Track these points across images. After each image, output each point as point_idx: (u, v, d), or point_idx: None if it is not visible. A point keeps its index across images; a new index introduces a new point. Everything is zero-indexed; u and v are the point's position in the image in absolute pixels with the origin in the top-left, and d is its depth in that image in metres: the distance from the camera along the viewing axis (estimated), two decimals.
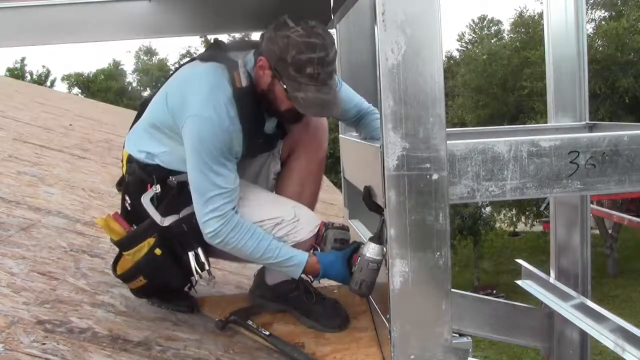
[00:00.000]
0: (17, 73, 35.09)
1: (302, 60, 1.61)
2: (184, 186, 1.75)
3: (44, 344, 1.46)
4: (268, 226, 1.78)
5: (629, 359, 1.71)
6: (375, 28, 1.38)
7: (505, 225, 25.26)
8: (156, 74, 34.56)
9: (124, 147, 1.92)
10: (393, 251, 1.43)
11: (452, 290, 1.50)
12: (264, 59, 1.69)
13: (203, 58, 1.80)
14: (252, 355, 1.72)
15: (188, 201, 1.76)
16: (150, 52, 37.60)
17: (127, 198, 1.87)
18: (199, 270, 1.81)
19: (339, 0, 2.06)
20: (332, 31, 2.39)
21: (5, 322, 1.52)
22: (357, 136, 2.16)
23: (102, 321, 1.69)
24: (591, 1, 21.26)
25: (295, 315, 1.94)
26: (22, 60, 37.28)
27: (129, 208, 1.87)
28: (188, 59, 1.93)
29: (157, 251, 1.77)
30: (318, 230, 1.86)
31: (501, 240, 25.23)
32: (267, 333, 1.79)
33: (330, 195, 5.09)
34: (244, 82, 1.72)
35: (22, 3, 2.13)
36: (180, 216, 1.79)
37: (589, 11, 21.33)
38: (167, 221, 1.78)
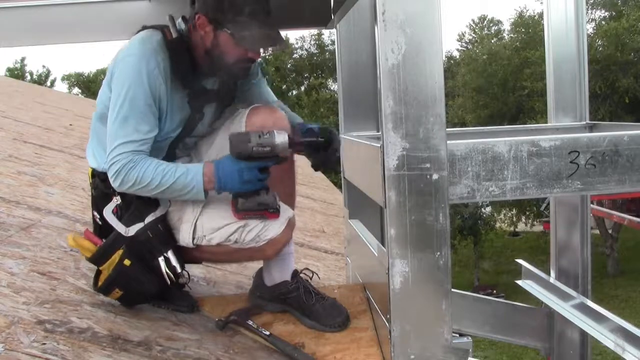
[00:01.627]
0: (17, 73, 35.09)
1: (239, 1, 1.70)
2: None
3: (44, 344, 1.46)
4: (234, 229, 1.78)
5: (629, 359, 1.71)
6: (375, 28, 1.38)
7: (505, 225, 25.26)
8: None
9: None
10: (393, 251, 1.43)
11: (452, 290, 1.50)
12: (201, 16, 1.74)
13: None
14: (252, 355, 1.72)
15: (152, 206, 1.78)
16: None
17: (95, 213, 1.87)
18: (171, 275, 1.80)
19: (339, 0, 2.06)
20: (332, 31, 2.39)
21: (5, 322, 1.52)
22: (357, 136, 2.15)
23: (102, 321, 1.69)
24: (591, 1, 21.26)
25: (296, 316, 1.94)
26: (22, 60, 37.29)
27: (100, 223, 1.86)
28: None
29: (126, 262, 1.76)
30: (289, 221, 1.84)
31: (501, 240, 25.23)
32: (267, 333, 1.79)
33: (330, 195, 5.10)
34: (174, 34, 1.78)
35: (22, 3, 2.14)
36: (145, 223, 1.78)
37: (589, 11, 21.33)
38: (131, 231, 1.77)
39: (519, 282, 2.43)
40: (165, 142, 1.85)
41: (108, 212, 1.79)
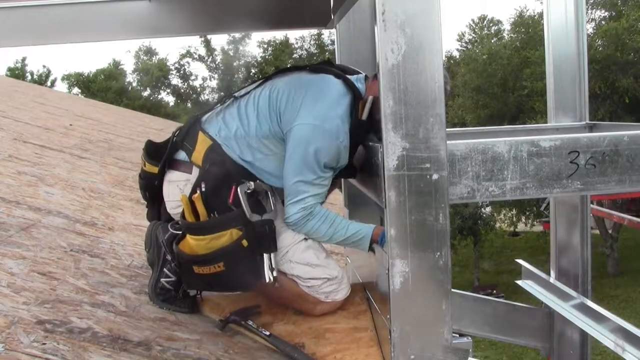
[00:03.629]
0: (17, 73, 35.06)
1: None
2: (270, 193, 1.88)
3: (44, 344, 1.46)
4: (320, 276, 1.94)
5: (629, 359, 1.71)
6: (375, 28, 1.38)
7: (505, 225, 25.23)
8: (156, 74, 34.51)
9: (196, 127, 1.94)
10: (393, 251, 1.43)
11: (452, 290, 1.50)
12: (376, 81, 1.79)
13: (322, 70, 1.93)
14: (252, 356, 1.72)
15: (268, 206, 1.87)
16: (150, 52, 37.59)
17: (202, 185, 1.86)
18: (270, 273, 1.83)
19: (339, 0, 2.07)
20: (332, 31, 2.39)
21: (5, 322, 1.52)
22: None
23: (102, 321, 1.69)
24: (591, 1, 21.24)
25: None
26: (23, 60, 37.26)
27: (204, 197, 1.85)
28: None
29: (244, 242, 1.80)
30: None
31: (501, 240, 25.20)
32: (267, 333, 1.79)
33: (330, 195, 5.09)
34: (364, 116, 1.84)
35: (22, 3, 2.14)
36: (262, 218, 1.83)
37: (589, 11, 21.31)
38: (254, 217, 1.82)
39: (519, 282, 2.43)
40: None
41: (242, 190, 1.82)
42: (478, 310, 2.28)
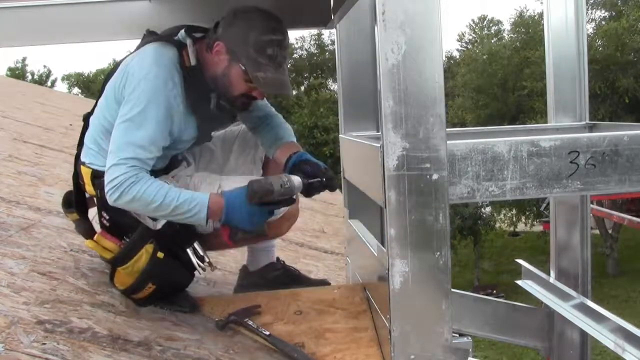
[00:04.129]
0: (18, 73, 35.08)
1: (264, 41, 1.72)
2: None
3: (44, 344, 1.46)
4: None
5: (629, 359, 1.71)
6: (375, 28, 1.38)
7: (505, 225, 25.24)
8: None
9: (78, 166, 1.90)
10: (393, 251, 1.43)
11: (452, 290, 1.50)
12: (221, 44, 1.76)
13: (142, 44, 1.85)
14: (252, 355, 1.72)
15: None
16: None
17: (104, 214, 1.86)
18: (201, 264, 1.83)
19: (339, 0, 2.07)
20: (332, 31, 2.39)
21: (5, 322, 1.52)
22: (357, 136, 2.15)
23: (102, 321, 1.69)
24: (591, 1, 21.25)
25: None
26: (23, 60, 37.29)
27: (108, 224, 1.86)
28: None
29: (159, 255, 1.78)
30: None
31: (501, 240, 25.22)
32: (267, 333, 1.79)
33: (330, 195, 5.09)
34: (193, 61, 1.78)
35: (22, 3, 2.14)
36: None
37: (589, 11, 21.31)
38: (159, 224, 1.79)
39: (519, 282, 2.43)
40: (169, 153, 1.88)
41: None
42: (478, 310, 2.28)
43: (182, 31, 1.84)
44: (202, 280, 2.31)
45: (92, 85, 35.71)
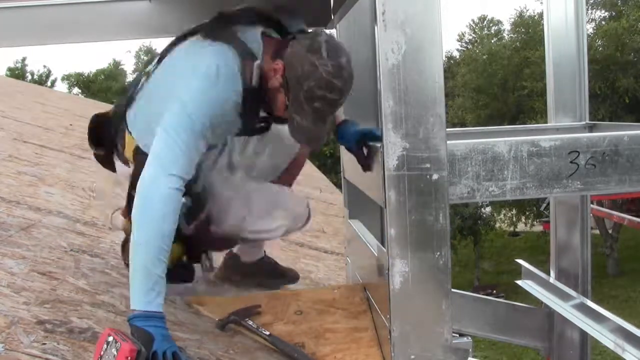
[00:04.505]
0: (17, 73, 35.07)
1: (316, 94, 1.59)
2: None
3: (44, 344, 1.46)
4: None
5: (629, 359, 1.71)
6: (375, 28, 1.38)
7: (505, 225, 25.24)
8: None
9: (127, 129, 1.84)
10: (393, 251, 1.43)
11: (452, 290, 1.50)
12: (281, 65, 1.65)
13: (208, 34, 1.71)
14: (252, 355, 1.72)
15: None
16: (150, 52, 37.62)
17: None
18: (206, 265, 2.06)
19: (338, 0, 2.07)
20: (332, 31, 2.39)
21: (5, 322, 1.52)
22: None
23: (102, 321, 1.69)
24: (591, 1, 21.25)
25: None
26: (23, 60, 37.28)
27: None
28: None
29: (184, 258, 1.98)
30: None
31: (501, 240, 25.22)
32: (267, 333, 1.79)
33: (330, 195, 5.09)
34: (255, 81, 1.67)
35: (22, 3, 2.14)
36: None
37: (589, 11, 21.31)
38: (190, 229, 1.84)
39: (519, 282, 2.43)
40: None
41: None
42: (478, 310, 2.28)
43: (258, 35, 1.72)
44: (202, 280, 2.31)
45: (92, 85, 35.72)
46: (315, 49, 1.60)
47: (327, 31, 1.70)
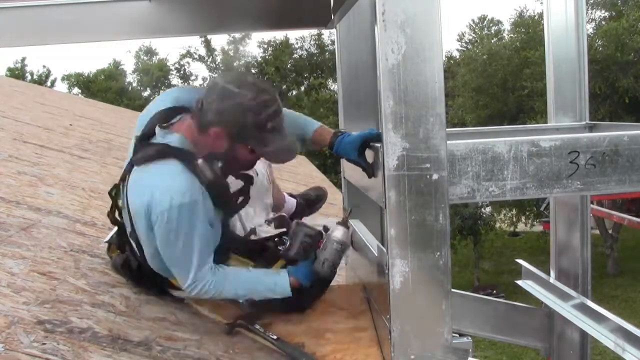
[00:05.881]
0: (17, 73, 35.04)
1: (262, 119, 1.69)
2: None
3: (44, 344, 1.46)
4: None
5: (629, 359, 1.71)
6: (375, 28, 1.38)
7: (505, 225, 25.23)
8: (156, 74, 34.53)
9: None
10: (393, 251, 1.43)
11: (452, 290, 1.50)
12: (218, 130, 1.71)
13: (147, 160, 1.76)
14: (252, 356, 1.72)
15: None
16: (150, 52, 37.60)
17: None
18: None
19: (339, 0, 2.07)
20: (332, 31, 2.39)
21: (5, 322, 1.52)
22: None
23: (102, 321, 1.69)
24: (591, 1, 21.24)
25: None
26: (23, 60, 37.25)
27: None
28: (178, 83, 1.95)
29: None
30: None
31: (501, 240, 25.21)
32: (275, 337, 1.78)
33: (330, 195, 5.08)
34: (199, 162, 1.76)
35: (22, 3, 2.14)
36: None
37: (589, 11, 21.30)
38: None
39: (519, 282, 2.43)
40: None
41: None
42: (478, 310, 2.28)
43: (175, 135, 1.77)
44: None
45: (92, 85, 35.69)
46: (224, 91, 1.70)
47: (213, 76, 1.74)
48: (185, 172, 1.70)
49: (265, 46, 31.86)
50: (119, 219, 1.96)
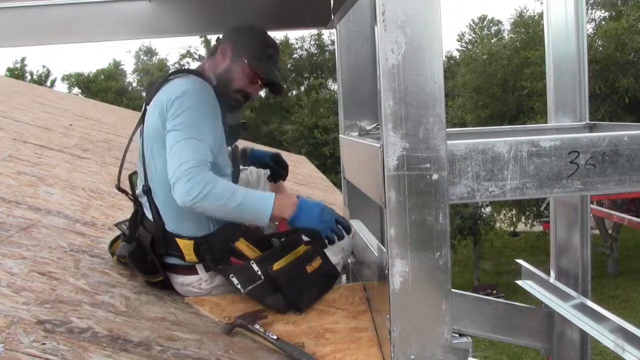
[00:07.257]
0: (17, 73, 35.05)
1: (264, 43, 2.03)
2: None
3: (44, 344, 1.46)
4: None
5: (629, 359, 1.71)
6: (375, 28, 1.38)
7: (505, 225, 25.25)
8: (156, 74, 34.54)
9: (177, 235, 2.00)
10: (393, 251, 1.43)
11: (452, 290, 1.50)
12: (227, 45, 2.02)
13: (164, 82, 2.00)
14: (252, 356, 1.72)
15: None
16: (150, 52, 37.63)
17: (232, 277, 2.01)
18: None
19: (339, 0, 2.07)
20: (332, 31, 2.39)
21: (5, 322, 1.52)
22: (357, 136, 2.15)
23: (102, 321, 1.69)
24: (591, 1, 21.25)
25: None
26: (22, 60, 37.26)
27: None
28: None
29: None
30: None
31: (501, 240, 25.23)
32: (275, 337, 1.78)
33: (330, 195, 5.09)
34: (214, 81, 2.02)
35: (22, 3, 2.14)
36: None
37: (589, 11, 21.32)
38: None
39: (519, 282, 2.43)
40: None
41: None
42: (478, 310, 2.28)
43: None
44: None
45: (92, 85, 35.72)
46: (239, 26, 2.07)
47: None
48: (203, 81, 1.96)
49: None
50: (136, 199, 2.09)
